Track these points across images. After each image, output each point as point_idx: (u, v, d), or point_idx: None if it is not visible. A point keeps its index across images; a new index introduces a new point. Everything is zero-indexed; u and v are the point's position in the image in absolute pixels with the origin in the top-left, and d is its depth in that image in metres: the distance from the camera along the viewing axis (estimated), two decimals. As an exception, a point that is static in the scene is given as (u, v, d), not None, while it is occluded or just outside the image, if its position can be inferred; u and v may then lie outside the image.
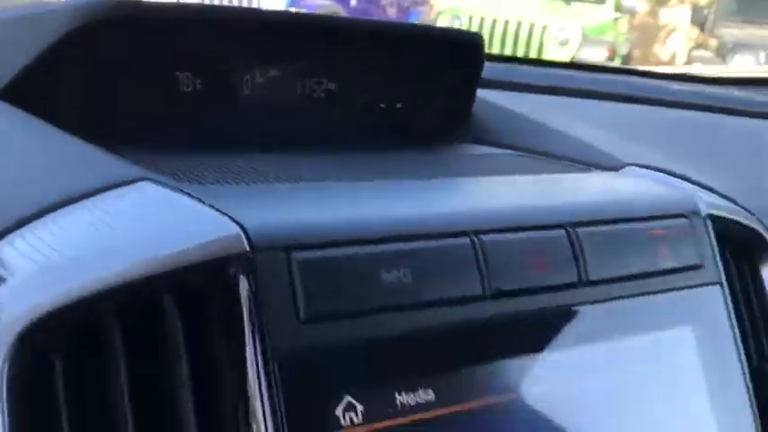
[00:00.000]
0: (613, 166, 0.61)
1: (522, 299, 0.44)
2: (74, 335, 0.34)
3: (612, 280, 0.47)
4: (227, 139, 0.59)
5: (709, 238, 0.53)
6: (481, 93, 0.74)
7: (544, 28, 5.92)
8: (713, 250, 0.53)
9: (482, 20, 6.01)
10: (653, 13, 7.14)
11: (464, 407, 0.41)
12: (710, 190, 0.61)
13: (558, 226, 0.46)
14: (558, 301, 0.45)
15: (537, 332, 0.44)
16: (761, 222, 0.62)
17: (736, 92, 1.11)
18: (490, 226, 0.44)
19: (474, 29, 2.98)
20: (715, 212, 0.55)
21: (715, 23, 6.42)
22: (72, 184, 0.39)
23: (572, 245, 0.46)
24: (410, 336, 0.40)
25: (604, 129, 0.73)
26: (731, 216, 0.57)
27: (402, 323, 0.39)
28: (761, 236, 0.60)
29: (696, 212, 0.53)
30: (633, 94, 0.96)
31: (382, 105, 0.75)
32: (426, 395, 0.40)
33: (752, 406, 0.53)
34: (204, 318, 0.36)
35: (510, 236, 0.44)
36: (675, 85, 1.09)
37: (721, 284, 0.53)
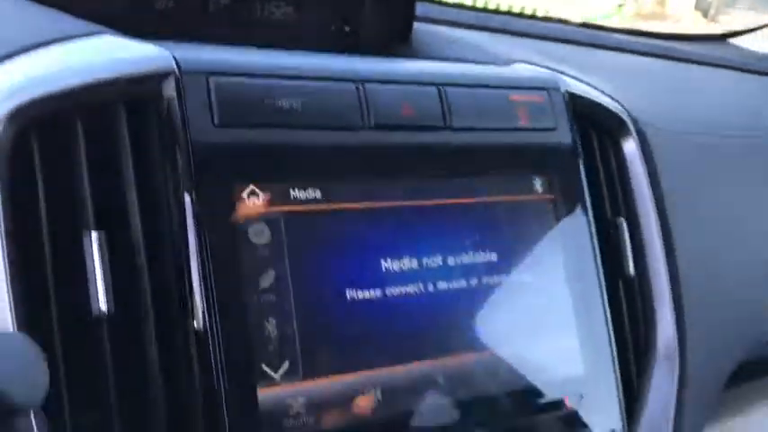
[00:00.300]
0: (504, 62, 0.74)
1: (395, 133, 0.57)
2: (47, 125, 0.48)
3: (473, 129, 0.61)
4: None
5: (566, 109, 0.66)
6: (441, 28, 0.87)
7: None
8: (568, 119, 0.66)
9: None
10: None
11: (344, 206, 0.55)
12: (589, 85, 0.74)
13: (432, 83, 0.60)
14: (425, 139, 0.58)
15: (406, 159, 0.58)
16: (626, 110, 0.75)
17: (675, 44, 1.24)
18: (374, 78, 0.57)
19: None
20: (573, 91, 0.68)
21: (718, 10, 6.51)
22: (49, 33, 0.53)
23: (440, 98, 0.60)
24: (302, 147, 0.54)
25: (537, 56, 0.85)
26: (593, 98, 0.71)
27: (295, 137, 0.53)
28: (621, 118, 0.73)
29: (556, 89, 0.67)
30: (577, 38, 1.09)
31: (333, 28, 0.88)
32: (315, 193, 0.54)
33: (595, 258, 0.65)
34: (144, 121, 0.50)
35: (390, 86, 0.58)
36: (620, 36, 1.22)
37: (573, 145, 0.66)
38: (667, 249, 0.72)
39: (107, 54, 0.51)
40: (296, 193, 0.53)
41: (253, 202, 0.51)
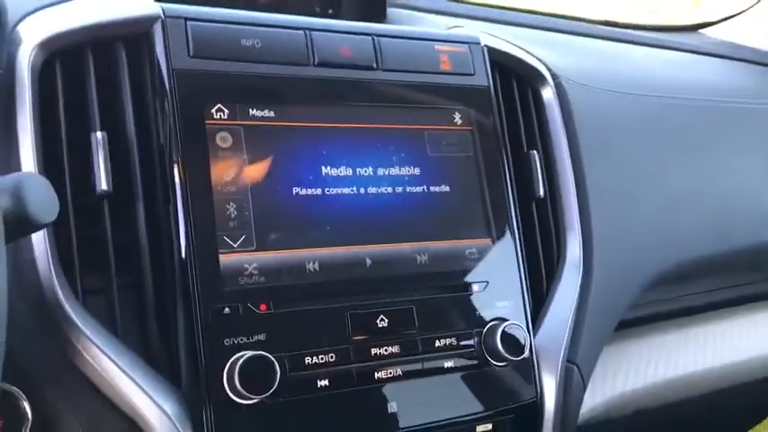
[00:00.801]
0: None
1: (335, 69, 0.74)
2: (67, 55, 0.65)
3: (401, 71, 0.77)
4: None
5: (484, 58, 0.82)
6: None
7: None
8: (485, 67, 0.82)
9: None
10: None
11: (292, 124, 0.71)
12: (515, 46, 0.90)
13: (368, 34, 0.76)
14: (359, 76, 0.75)
15: (343, 91, 0.74)
16: (546, 66, 0.90)
17: (641, 33, 1.39)
18: (320, 27, 0.74)
19: None
20: (491, 45, 0.83)
21: None
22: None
23: (374, 45, 0.76)
24: (260, 77, 0.70)
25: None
26: (511, 52, 0.86)
27: (253, 68, 0.70)
28: (538, 70, 0.88)
29: (476, 43, 0.82)
30: (539, 24, 1.23)
31: (317, 9, 1.05)
32: (269, 113, 0.70)
33: (506, 179, 0.80)
34: (137, 53, 0.67)
35: (332, 34, 0.74)
36: (586, 24, 1.36)
37: (488, 87, 0.81)
38: (577, 178, 0.87)
39: (113, 4, 0.69)
40: (254, 111, 0.70)
41: (219, 115, 0.68)
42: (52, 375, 0.63)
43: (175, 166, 0.65)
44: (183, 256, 0.64)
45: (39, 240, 0.62)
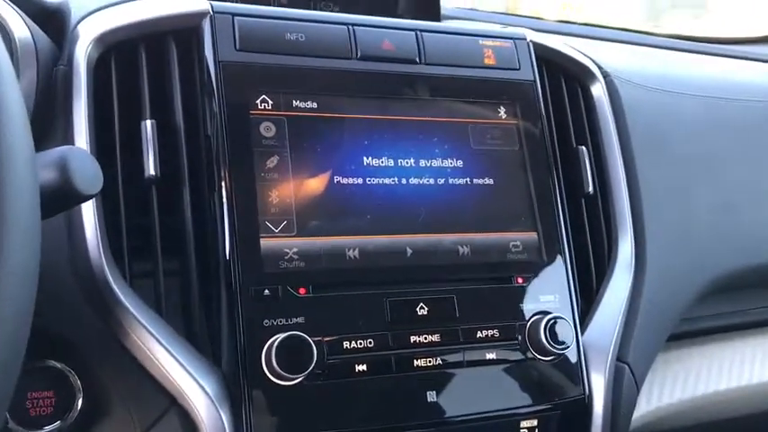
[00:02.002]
0: None
1: (378, 63, 0.75)
2: (122, 49, 0.69)
3: (445, 64, 0.77)
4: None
5: (529, 54, 0.82)
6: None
7: None
8: (531, 62, 0.82)
9: None
10: None
11: (334, 115, 0.72)
12: (565, 44, 0.89)
13: (411, 29, 0.77)
14: (401, 69, 0.76)
15: (386, 84, 0.75)
16: (596, 64, 0.89)
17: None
18: (363, 23, 0.76)
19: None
20: (537, 41, 0.83)
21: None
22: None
23: (417, 40, 0.77)
24: (303, 69, 0.72)
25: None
26: (558, 48, 0.86)
27: (297, 61, 0.72)
28: (587, 67, 0.87)
29: (522, 38, 0.82)
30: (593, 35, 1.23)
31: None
32: (312, 104, 0.72)
33: (552, 173, 0.79)
34: (187, 47, 0.70)
35: (374, 29, 0.76)
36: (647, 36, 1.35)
37: (534, 82, 0.81)
38: (629, 175, 0.85)
39: (165, 2, 0.72)
40: (297, 102, 0.72)
41: (264, 106, 0.70)
42: (101, 354, 0.66)
43: (221, 153, 0.68)
44: (227, 239, 0.66)
45: (90, 224, 0.65)
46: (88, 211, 0.65)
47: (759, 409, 1.02)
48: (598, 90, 0.87)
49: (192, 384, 0.64)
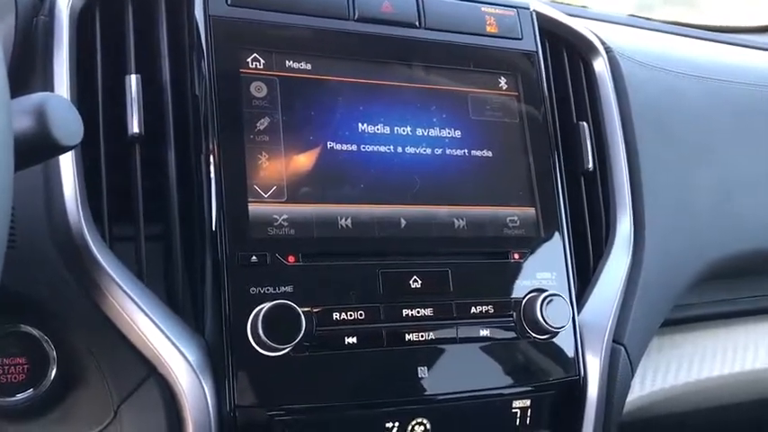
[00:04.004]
0: None
1: (376, 26, 0.72)
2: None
3: (445, 30, 0.74)
4: None
5: (532, 23, 0.79)
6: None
7: None
8: (534, 32, 0.79)
9: None
10: None
11: (329, 78, 0.69)
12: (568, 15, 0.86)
13: (412, -6, 0.74)
14: (401, 33, 0.73)
15: (384, 48, 0.72)
16: (600, 39, 0.86)
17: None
18: (362, -17, 0.73)
19: None
20: (540, 10, 0.80)
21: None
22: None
23: (417, 3, 0.74)
24: (298, 28, 0.69)
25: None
26: (562, 20, 0.83)
27: (292, 20, 0.69)
28: (591, 42, 0.85)
29: (525, 7, 0.80)
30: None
31: None
32: (306, 65, 0.69)
33: (552, 147, 0.76)
34: (176, 1, 0.67)
35: (372, -8, 0.73)
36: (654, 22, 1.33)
37: (536, 53, 0.78)
38: (629, 152, 0.83)
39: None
40: (290, 63, 0.68)
41: (255, 65, 0.67)
42: (77, 319, 0.63)
43: (209, 112, 0.64)
44: (213, 203, 0.63)
45: (69, 181, 0.62)
46: (67, 167, 0.61)
47: (751, 396, 1.00)
48: (600, 65, 0.85)
49: (172, 352, 0.60)
